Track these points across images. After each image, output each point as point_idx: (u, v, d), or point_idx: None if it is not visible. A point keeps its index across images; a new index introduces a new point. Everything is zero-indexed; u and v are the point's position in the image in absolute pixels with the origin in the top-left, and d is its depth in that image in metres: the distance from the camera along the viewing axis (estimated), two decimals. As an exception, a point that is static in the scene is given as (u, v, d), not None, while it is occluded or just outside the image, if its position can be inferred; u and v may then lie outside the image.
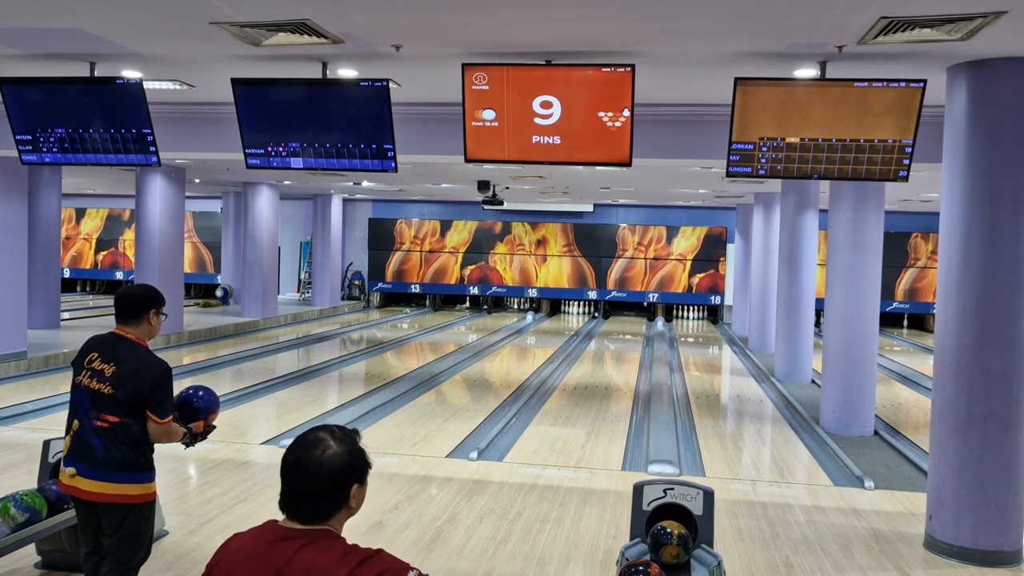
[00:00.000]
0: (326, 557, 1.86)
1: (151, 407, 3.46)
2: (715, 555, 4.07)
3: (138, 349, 3.54)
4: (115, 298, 3.63)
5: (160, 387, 3.47)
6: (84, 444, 3.45)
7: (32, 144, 6.58)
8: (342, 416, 8.87)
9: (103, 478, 3.42)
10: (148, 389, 3.44)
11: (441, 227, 22.63)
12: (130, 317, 3.58)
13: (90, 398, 3.46)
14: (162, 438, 3.54)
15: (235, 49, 5.49)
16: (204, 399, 3.84)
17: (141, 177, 14.20)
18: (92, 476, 3.43)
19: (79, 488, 3.47)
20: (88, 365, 3.51)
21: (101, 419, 3.43)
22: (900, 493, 6.60)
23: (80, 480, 3.45)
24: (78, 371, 3.55)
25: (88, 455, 3.44)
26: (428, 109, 7.38)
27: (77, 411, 3.50)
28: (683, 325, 20.96)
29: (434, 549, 5.14)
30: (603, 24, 4.69)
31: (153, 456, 3.56)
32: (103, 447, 3.42)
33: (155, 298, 3.64)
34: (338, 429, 2.00)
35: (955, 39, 4.67)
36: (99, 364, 3.48)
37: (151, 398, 3.45)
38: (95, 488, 3.44)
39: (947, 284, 5.33)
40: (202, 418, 3.81)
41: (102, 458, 3.42)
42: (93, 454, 3.43)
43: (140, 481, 3.49)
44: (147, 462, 3.52)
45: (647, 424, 9.01)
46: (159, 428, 3.49)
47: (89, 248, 24.16)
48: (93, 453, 3.43)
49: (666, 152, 7.31)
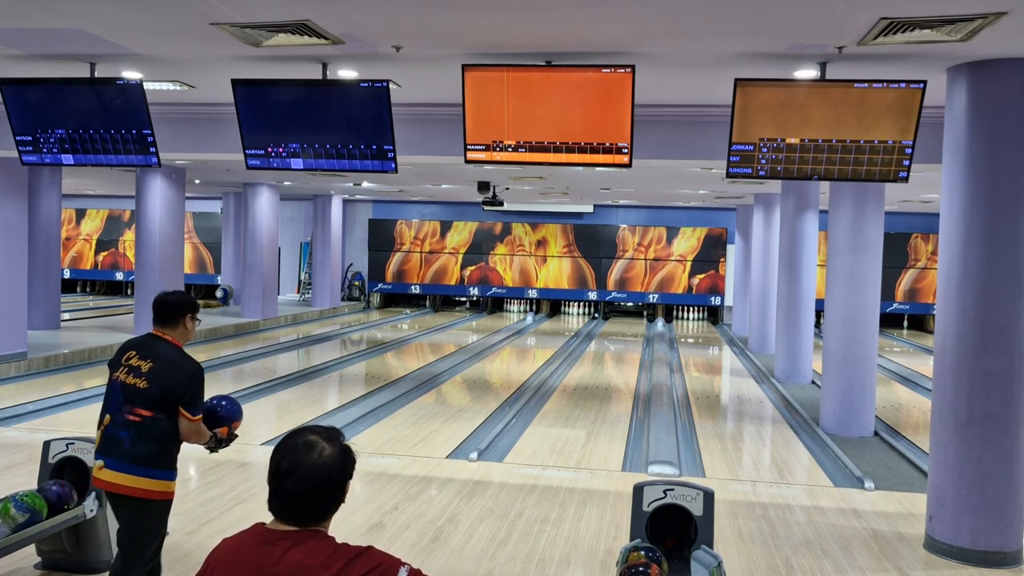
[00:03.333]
0: (315, 556, 1.86)
1: (183, 403, 3.60)
2: (715, 556, 4.06)
3: (174, 349, 3.71)
4: (154, 303, 3.80)
5: (192, 385, 3.63)
6: (113, 437, 3.58)
7: (32, 145, 6.58)
8: (342, 416, 8.87)
9: (125, 470, 3.54)
10: (181, 386, 3.59)
11: (441, 228, 22.63)
12: (168, 320, 3.76)
13: (124, 392, 3.60)
14: (192, 436, 3.68)
15: (235, 50, 5.49)
16: (228, 408, 4.00)
17: (141, 178, 14.20)
18: (116, 468, 3.55)
19: (104, 480, 3.58)
20: (126, 362, 3.66)
21: (133, 413, 3.57)
22: (900, 494, 6.60)
23: (106, 472, 3.57)
24: (115, 368, 3.69)
25: (115, 447, 3.56)
26: (428, 110, 7.38)
27: (110, 406, 3.64)
28: (683, 326, 20.96)
29: (434, 550, 5.13)
30: (603, 25, 4.69)
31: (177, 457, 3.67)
32: (130, 440, 3.55)
33: (191, 304, 3.84)
34: (322, 429, 1.99)
35: (955, 40, 4.67)
36: (136, 361, 3.64)
37: (183, 394, 3.60)
38: (117, 479, 3.55)
39: (947, 285, 5.33)
40: (226, 425, 3.95)
41: (128, 450, 3.54)
42: (120, 446, 3.56)
43: (160, 478, 3.59)
44: (171, 460, 3.64)
45: (647, 425, 9.00)
46: (190, 425, 3.64)
47: (89, 249, 24.16)
48: (120, 445, 3.56)
49: (666, 153, 7.31)
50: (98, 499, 4.66)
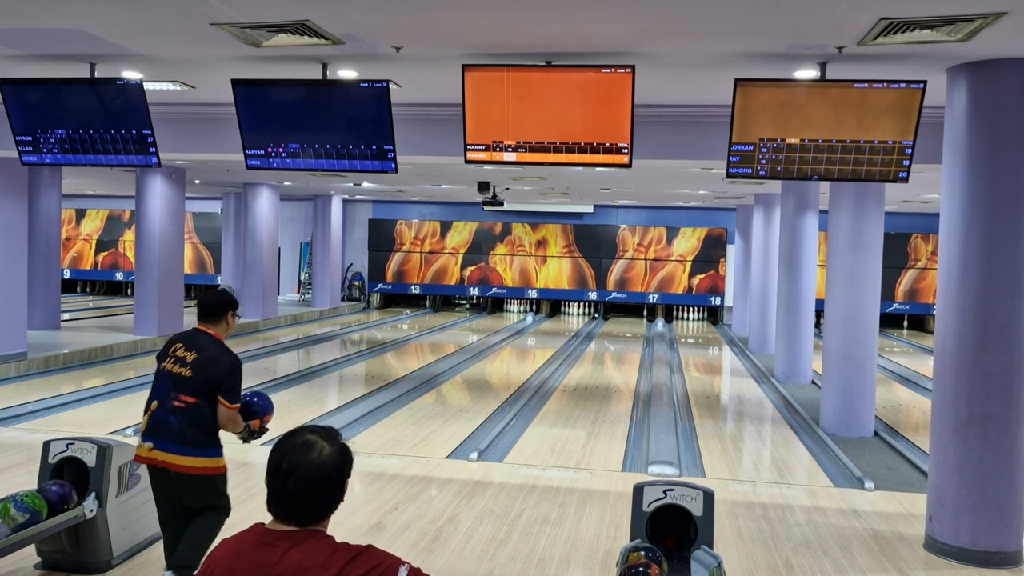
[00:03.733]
0: (315, 556, 1.85)
1: (222, 392, 3.96)
2: (715, 556, 4.06)
3: (216, 342, 4.09)
4: (198, 302, 4.20)
5: (231, 376, 3.99)
6: (162, 421, 3.94)
7: (32, 145, 6.58)
8: (342, 417, 8.87)
9: (178, 451, 3.91)
10: (222, 375, 3.96)
11: (441, 228, 22.63)
12: (211, 317, 4.14)
13: (172, 380, 3.96)
14: (228, 424, 4.03)
15: (235, 50, 5.49)
16: (260, 403, 4.34)
17: (141, 178, 14.20)
18: (168, 449, 3.92)
19: (156, 459, 3.95)
20: (173, 353, 4.03)
21: (179, 400, 3.93)
22: (900, 494, 6.60)
23: (157, 452, 3.94)
24: (162, 359, 4.07)
25: (165, 431, 3.92)
26: (428, 110, 7.38)
27: (158, 393, 4.00)
28: (683, 326, 20.96)
29: (434, 550, 5.13)
30: (603, 25, 4.69)
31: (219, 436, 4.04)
32: (178, 424, 3.92)
33: (232, 302, 4.24)
34: (320, 429, 1.99)
35: (955, 40, 4.67)
36: (183, 352, 4.01)
37: (223, 383, 3.96)
38: (172, 459, 3.93)
39: (947, 285, 5.33)
40: (258, 418, 4.29)
41: (176, 433, 3.91)
42: (170, 430, 3.92)
43: (211, 455, 3.98)
44: (216, 439, 4.01)
45: (647, 425, 9.00)
46: (227, 413, 3.99)
47: (89, 249, 24.16)
48: (170, 429, 3.92)
49: (666, 153, 7.31)
50: (98, 499, 4.67)
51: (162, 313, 14.07)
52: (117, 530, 4.74)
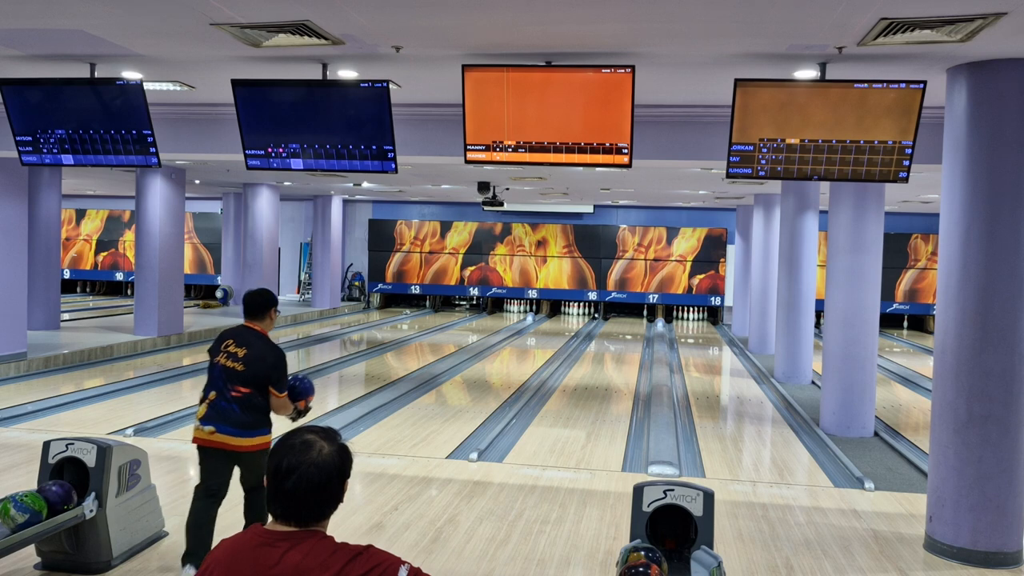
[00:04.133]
0: (314, 557, 1.85)
1: (272, 383, 4.46)
2: (715, 556, 4.06)
3: (262, 337, 4.56)
4: (244, 300, 4.66)
5: (278, 368, 4.48)
6: (223, 409, 4.43)
7: (32, 145, 6.58)
8: (342, 417, 8.87)
9: (239, 434, 4.42)
10: (270, 369, 4.44)
11: (441, 228, 22.63)
12: (256, 314, 4.61)
13: (226, 374, 4.43)
14: (280, 409, 4.57)
15: (235, 50, 5.49)
16: (302, 386, 4.76)
17: (141, 178, 14.20)
18: (230, 433, 4.41)
19: (216, 441, 4.43)
20: (225, 349, 4.49)
21: (235, 390, 4.41)
22: (900, 494, 6.60)
23: (219, 435, 4.42)
24: (215, 354, 4.52)
25: (227, 417, 4.41)
26: (428, 110, 7.38)
27: (215, 384, 4.46)
28: (683, 326, 20.96)
29: (434, 550, 5.13)
30: (603, 25, 4.69)
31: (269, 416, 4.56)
32: (239, 411, 4.41)
33: (274, 300, 4.69)
34: (319, 429, 1.99)
35: (955, 40, 4.67)
36: (234, 348, 4.47)
37: (272, 375, 4.45)
38: (233, 441, 4.43)
39: (947, 285, 5.33)
40: (303, 399, 4.75)
41: (237, 419, 4.41)
42: (232, 416, 4.41)
43: (264, 434, 4.51)
44: (267, 420, 4.52)
45: (647, 425, 9.00)
46: (278, 400, 4.52)
47: (89, 249, 24.16)
48: (232, 415, 4.41)
49: (666, 153, 7.31)
50: (98, 499, 4.67)
51: (162, 313, 14.06)
52: (117, 530, 4.74)
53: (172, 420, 8.53)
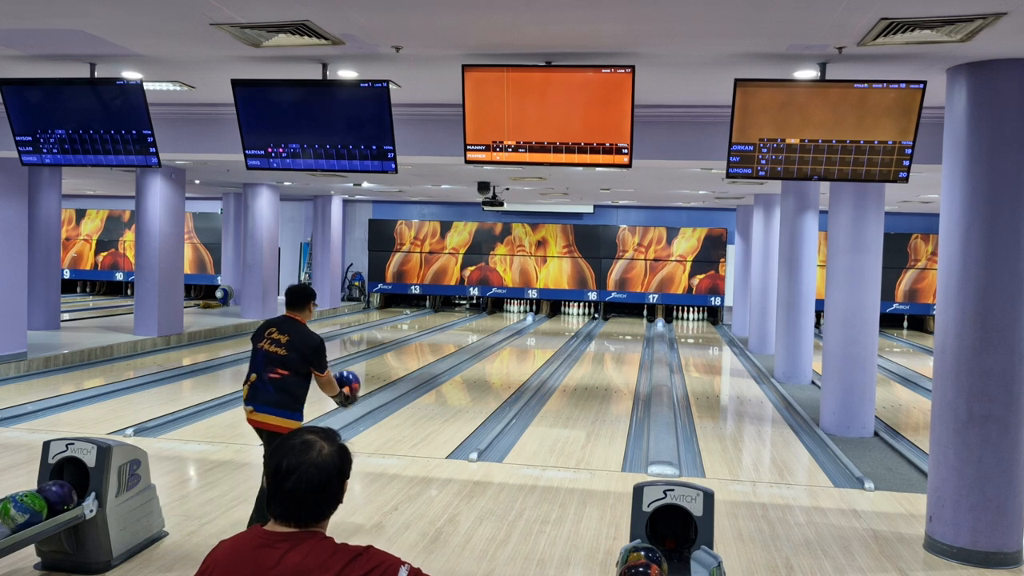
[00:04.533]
0: (314, 558, 1.85)
1: (313, 365, 4.95)
2: (715, 556, 4.06)
3: (303, 326, 5.04)
4: (287, 293, 5.14)
5: (318, 353, 4.96)
6: (260, 389, 4.89)
7: (32, 145, 6.58)
8: (342, 417, 8.87)
9: (267, 412, 4.87)
10: (311, 353, 4.93)
11: (441, 228, 22.63)
12: (297, 306, 5.09)
13: (268, 358, 4.90)
14: (325, 387, 5.06)
15: (235, 50, 5.50)
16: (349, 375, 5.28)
17: (141, 178, 14.20)
18: (262, 411, 4.89)
19: (256, 420, 4.91)
20: (268, 336, 4.97)
21: (274, 372, 4.88)
22: (900, 494, 6.60)
23: (256, 414, 4.90)
24: (258, 340, 4.98)
25: (262, 395, 4.87)
26: (428, 110, 7.38)
27: (256, 367, 4.94)
28: (683, 326, 20.96)
29: (434, 550, 5.13)
30: (603, 25, 4.69)
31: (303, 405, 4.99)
32: (272, 392, 4.86)
33: (312, 294, 5.19)
34: (319, 429, 1.99)
35: (955, 40, 4.67)
36: (277, 335, 4.95)
37: (311, 359, 4.93)
38: (265, 419, 4.87)
39: (947, 285, 5.33)
40: (348, 386, 5.22)
41: (269, 398, 4.86)
42: (265, 395, 4.87)
43: (289, 418, 4.89)
44: (298, 406, 4.95)
45: (647, 425, 9.00)
46: (322, 378, 5.00)
47: (89, 249, 24.16)
48: (266, 395, 4.87)
49: (666, 153, 7.31)
50: (98, 499, 4.67)
51: (162, 313, 14.06)
52: (117, 530, 4.74)
53: (172, 420, 8.53)
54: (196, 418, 8.70)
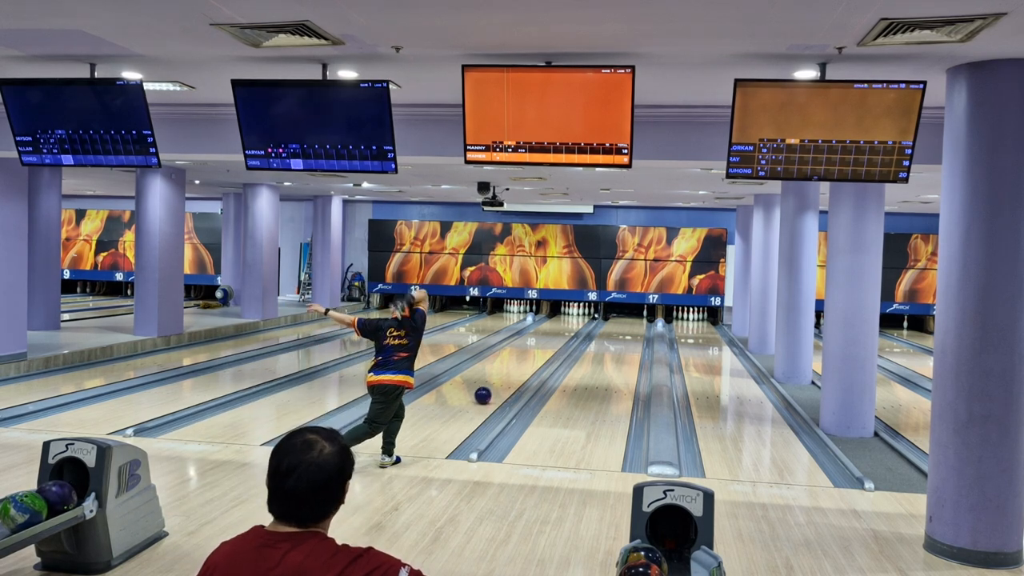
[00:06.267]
0: (315, 559, 1.84)
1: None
2: (715, 556, 4.06)
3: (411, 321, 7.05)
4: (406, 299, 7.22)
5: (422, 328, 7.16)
6: (389, 364, 6.93)
7: (32, 145, 6.58)
8: (342, 417, 8.87)
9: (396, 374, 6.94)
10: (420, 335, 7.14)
11: (441, 228, 22.64)
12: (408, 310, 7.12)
13: (393, 347, 6.95)
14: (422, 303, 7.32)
15: (235, 50, 5.50)
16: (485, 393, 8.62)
17: (141, 178, 14.21)
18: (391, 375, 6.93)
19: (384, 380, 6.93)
20: (390, 335, 6.98)
21: (397, 355, 6.94)
22: (900, 494, 6.60)
23: (385, 377, 6.91)
24: (384, 338, 6.98)
25: (392, 367, 6.93)
26: (428, 110, 7.38)
27: (384, 352, 6.97)
28: (683, 326, 20.96)
29: (434, 551, 5.13)
30: (603, 25, 4.69)
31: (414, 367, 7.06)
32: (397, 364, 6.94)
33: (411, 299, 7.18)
34: (321, 429, 1.99)
35: (955, 40, 4.67)
36: (395, 332, 7.00)
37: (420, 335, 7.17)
38: (394, 379, 6.93)
39: (947, 285, 5.33)
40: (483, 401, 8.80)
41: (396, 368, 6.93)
42: (395, 368, 6.93)
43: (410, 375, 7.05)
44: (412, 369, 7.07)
45: (647, 425, 9.00)
46: None
47: (89, 249, 24.17)
48: (395, 367, 6.92)
49: (666, 153, 7.31)
50: (98, 499, 4.67)
51: (162, 313, 14.06)
52: (117, 530, 4.74)
53: (172, 420, 8.53)
54: (196, 418, 8.70)
